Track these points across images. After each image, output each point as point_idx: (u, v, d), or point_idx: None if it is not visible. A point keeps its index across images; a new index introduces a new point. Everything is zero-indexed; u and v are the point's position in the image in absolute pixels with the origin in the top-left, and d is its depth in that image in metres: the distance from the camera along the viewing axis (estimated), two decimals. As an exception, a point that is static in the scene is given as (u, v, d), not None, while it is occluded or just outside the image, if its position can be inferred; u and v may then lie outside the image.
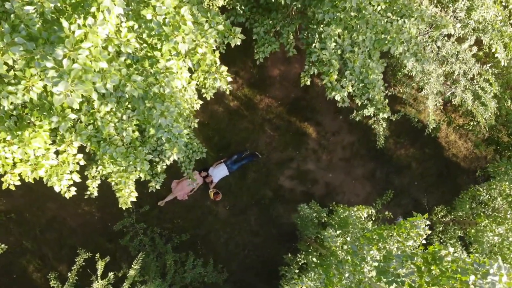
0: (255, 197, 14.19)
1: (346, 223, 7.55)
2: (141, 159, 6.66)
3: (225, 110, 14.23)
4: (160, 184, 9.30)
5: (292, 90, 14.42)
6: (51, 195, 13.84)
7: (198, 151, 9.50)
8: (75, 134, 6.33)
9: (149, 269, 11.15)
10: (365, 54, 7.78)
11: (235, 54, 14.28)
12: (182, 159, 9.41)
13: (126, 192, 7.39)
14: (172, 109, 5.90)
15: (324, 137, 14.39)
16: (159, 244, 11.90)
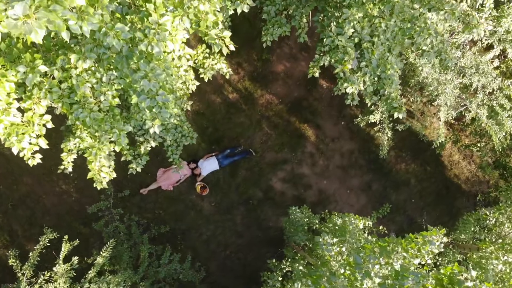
0: (244, 196, 13.19)
1: (343, 231, 6.60)
2: (118, 130, 5.66)
3: (223, 102, 13.25)
4: (142, 166, 8.30)
5: (295, 89, 13.48)
6: (28, 169, 12.77)
7: (188, 136, 8.52)
8: (44, 91, 5.32)
9: (121, 258, 10.10)
10: (384, 46, 6.83)
11: (240, 44, 13.32)
12: (170, 142, 8.42)
13: (96, 166, 6.36)
14: (159, 72, 4.91)
15: (323, 141, 13.44)
16: (135, 233, 10.86)
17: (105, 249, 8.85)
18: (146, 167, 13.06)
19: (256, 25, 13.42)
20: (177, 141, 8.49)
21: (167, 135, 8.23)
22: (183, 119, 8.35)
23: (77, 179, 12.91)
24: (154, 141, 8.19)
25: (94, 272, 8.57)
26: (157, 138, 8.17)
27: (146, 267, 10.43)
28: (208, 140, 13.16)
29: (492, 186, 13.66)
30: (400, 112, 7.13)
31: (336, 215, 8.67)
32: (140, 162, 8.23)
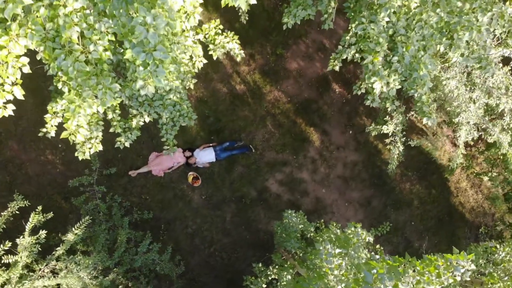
0: (237, 194, 12.28)
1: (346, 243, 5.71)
2: (104, 87, 4.77)
3: (229, 92, 12.38)
4: (130, 141, 7.41)
5: (306, 90, 12.61)
6: (16, 134, 11.89)
7: (186, 116, 7.63)
8: (25, 29, 4.43)
9: (96, 240, 9.18)
10: (419, 43, 5.96)
11: (255, 36, 12.50)
12: (166, 120, 7.53)
13: (72, 126, 5.46)
14: (160, 22, 4.03)
15: (327, 148, 12.55)
16: (116, 215, 9.93)
17: (78, 226, 7.93)
18: (139, 149, 12.23)
19: (274, 18, 12.57)
20: (173, 120, 7.60)
21: (164, 111, 7.34)
22: (184, 97, 7.47)
23: (65, 151, 12.00)
24: (148, 116, 7.30)
25: (63, 250, 7.66)
26: (152, 114, 7.28)
27: (122, 253, 9.51)
28: (208, 129, 12.28)
29: (497, 220, 12.77)
30: (430, 118, 6.25)
31: (335, 225, 7.77)
32: (129, 136, 7.34)
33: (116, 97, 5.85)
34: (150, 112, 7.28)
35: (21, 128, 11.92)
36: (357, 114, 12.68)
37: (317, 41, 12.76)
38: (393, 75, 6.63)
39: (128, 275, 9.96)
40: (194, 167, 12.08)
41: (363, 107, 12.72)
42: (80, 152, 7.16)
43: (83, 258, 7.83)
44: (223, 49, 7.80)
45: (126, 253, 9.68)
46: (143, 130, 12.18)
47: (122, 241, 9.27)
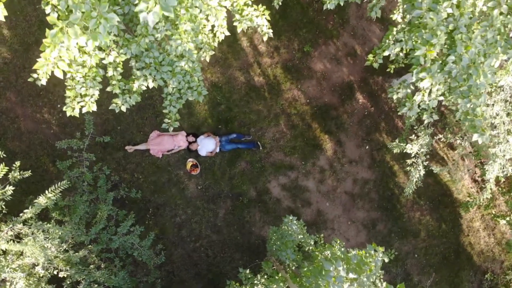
0: (235, 190, 11.26)
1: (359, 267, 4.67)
2: (98, 15, 3.77)
3: (246, 82, 11.39)
4: (128, 106, 6.41)
5: (328, 94, 11.59)
6: (16, 85, 10.96)
7: (196, 89, 6.63)
8: None
9: (75, 210, 8.19)
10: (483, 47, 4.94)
11: (285, 28, 11.51)
12: (172, 90, 6.53)
13: (51, 57, 4.47)
14: None
15: (339, 160, 11.51)
16: (101, 187, 8.92)
17: (53, 189, 6.93)
18: (140, 125, 11.24)
19: (308, 14, 11.60)
20: (180, 92, 6.60)
21: (172, 79, 6.35)
22: (197, 68, 6.47)
23: (64, 113, 11.05)
24: (153, 81, 6.30)
25: (32, 213, 6.68)
26: (157, 79, 6.29)
27: (100, 230, 8.50)
28: (217, 117, 11.29)
29: (507, 269, 11.64)
30: (483, 135, 5.20)
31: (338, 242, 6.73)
32: (128, 100, 6.35)
33: (111, 33, 4.86)
34: (155, 77, 6.29)
35: (22, 80, 11.00)
36: (377, 129, 11.64)
37: (348, 45, 11.77)
38: (438, 84, 5.61)
39: (103, 255, 8.94)
40: (195, 154, 11.09)
41: (385, 123, 11.68)
42: (69, 107, 6.19)
43: (54, 227, 6.84)
44: (250, 23, 6.81)
45: (105, 231, 8.68)
46: (148, 106, 11.25)
47: (102, 217, 8.27)
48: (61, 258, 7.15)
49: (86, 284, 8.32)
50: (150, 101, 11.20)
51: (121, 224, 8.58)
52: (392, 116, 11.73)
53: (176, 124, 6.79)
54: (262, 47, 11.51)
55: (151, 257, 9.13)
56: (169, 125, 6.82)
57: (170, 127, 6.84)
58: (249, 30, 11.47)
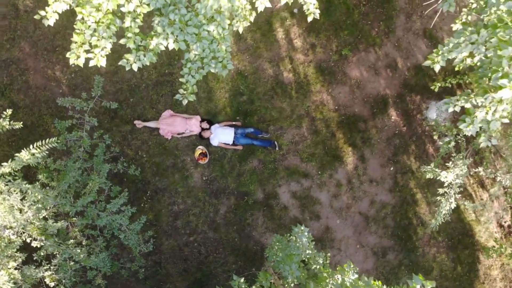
0: (241, 189, 10.25)
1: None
2: None
3: (273, 76, 10.42)
4: (140, 65, 5.45)
5: (359, 104, 10.56)
6: (33, 36, 10.14)
7: (221, 61, 5.65)
8: None
9: (64, 176, 7.25)
10: None
11: (325, 27, 10.53)
12: (194, 56, 5.56)
13: None
14: None
15: (358, 177, 10.44)
16: (98, 156, 7.95)
17: (39, 144, 5.99)
18: (155, 100, 10.24)
19: (352, 15, 10.60)
20: (203, 61, 5.63)
21: (196, 44, 5.39)
22: (226, 37, 5.50)
23: (76, 74, 10.20)
24: (174, 42, 5.34)
25: (10, 168, 5.74)
26: (179, 40, 5.32)
27: (88, 203, 7.55)
28: (237, 107, 10.31)
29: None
30: None
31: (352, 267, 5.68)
32: (141, 58, 5.39)
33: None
34: (178, 38, 5.33)
35: (40, 32, 10.18)
36: (406, 151, 10.56)
37: (390, 56, 10.74)
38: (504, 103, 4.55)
39: (87, 231, 7.98)
40: (206, 142, 10.13)
41: (416, 146, 10.60)
42: (73, 53, 5.27)
43: (34, 188, 5.90)
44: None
45: (93, 206, 7.73)
46: (166, 83, 10.31)
47: (92, 189, 7.32)
48: (35, 226, 6.20)
49: (61, 260, 7.36)
50: (169, 77, 10.28)
51: (112, 201, 7.61)
52: (424, 140, 10.64)
53: (192, 97, 5.82)
54: (298, 42, 10.54)
55: (138, 243, 8.15)
56: (183, 97, 5.85)
57: (184, 99, 5.87)
58: (287, 21, 10.56)
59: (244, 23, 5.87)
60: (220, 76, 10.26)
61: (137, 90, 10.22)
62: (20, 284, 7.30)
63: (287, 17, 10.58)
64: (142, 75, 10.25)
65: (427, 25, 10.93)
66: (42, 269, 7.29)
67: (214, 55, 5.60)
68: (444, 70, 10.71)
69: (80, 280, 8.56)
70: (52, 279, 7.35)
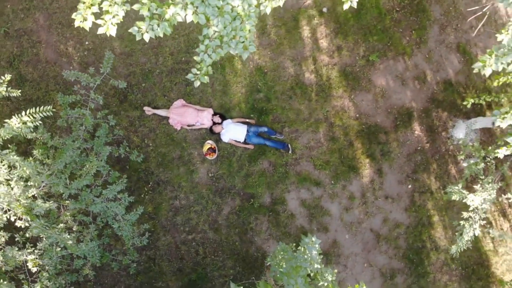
0: (248, 190, 9.56)
1: None
2: None
3: (294, 75, 9.76)
4: (152, 36, 4.81)
5: (382, 115, 9.84)
6: (48, 8, 9.60)
7: (243, 41, 5.00)
8: None
9: (60, 154, 6.62)
10: None
11: (354, 29, 9.86)
12: (212, 33, 4.92)
13: None
14: None
15: (374, 191, 9.70)
16: (100, 137, 7.32)
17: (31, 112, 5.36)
18: (168, 88, 9.53)
19: (384, 21, 9.92)
20: (222, 39, 4.97)
21: (216, 18, 4.74)
22: (252, 14, 4.85)
23: (90, 52, 9.64)
24: (193, 14, 4.70)
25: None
26: (198, 12, 4.68)
27: (83, 186, 6.91)
28: (252, 104, 9.66)
29: None
30: None
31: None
32: (155, 28, 4.75)
33: None
34: (197, 10, 4.68)
35: (56, 5, 9.65)
36: (427, 170, 9.80)
37: (419, 68, 10.02)
38: None
39: (78, 216, 7.34)
40: (216, 137, 9.48)
41: (438, 166, 9.84)
42: (79, 14, 4.65)
43: (21, 161, 5.28)
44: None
45: (88, 189, 7.08)
46: (181, 71, 9.65)
47: (89, 171, 6.68)
48: (19, 203, 5.56)
49: (47, 244, 6.72)
50: (185, 66, 9.67)
51: (109, 187, 6.97)
52: (447, 160, 9.88)
53: (205, 79, 5.16)
54: (324, 42, 9.87)
55: (132, 235, 7.48)
56: (196, 78, 5.19)
57: (196, 80, 5.21)
58: (315, 19, 9.90)
59: (274, 3, 5.21)
60: (237, 69, 9.63)
61: (150, 75, 9.62)
62: (0, 265, 6.68)
63: (315, 16, 9.93)
64: (157, 61, 9.66)
65: (462, 40, 10.22)
66: (25, 251, 6.66)
67: (236, 34, 4.95)
68: (475, 87, 9.97)
69: (67, 268, 7.92)
70: (35, 264, 6.71)
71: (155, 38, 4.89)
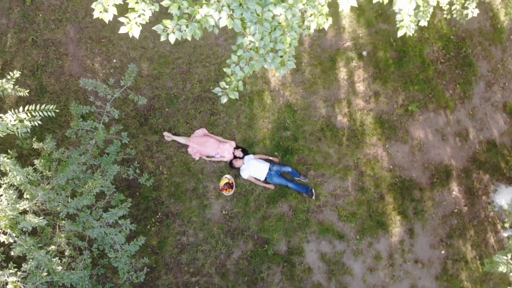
0: (263, 234, 8.58)
1: None
2: None
3: (326, 116, 9.00)
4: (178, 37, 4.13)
5: (417, 169, 8.90)
6: (81, 23, 9.26)
7: (281, 56, 4.26)
8: None
9: (64, 168, 5.86)
10: None
11: (395, 75, 9.14)
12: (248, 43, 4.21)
13: None
14: None
15: (402, 254, 8.60)
16: (110, 154, 6.54)
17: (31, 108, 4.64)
18: (191, 116, 8.80)
19: (427, 71, 9.21)
20: (259, 52, 4.25)
21: (254, 26, 4.04)
22: (295, 26, 4.14)
23: (116, 70, 9.13)
24: (228, 17, 4.02)
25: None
26: (235, 15, 4.00)
27: (83, 207, 6.09)
28: (277, 141, 8.87)
29: None
30: None
31: None
32: (182, 29, 4.07)
33: None
34: (234, 13, 4.00)
35: (89, 19, 9.27)
36: (463, 236, 8.69)
37: (461, 124, 9.15)
38: None
39: (73, 239, 6.47)
40: (235, 172, 8.66)
41: (475, 233, 8.72)
42: (100, 3, 4.01)
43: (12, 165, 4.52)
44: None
45: (88, 211, 6.25)
46: (208, 100, 9.00)
47: (90, 190, 5.88)
48: (7, 215, 4.76)
49: (33, 267, 5.82)
50: (212, 94, 9.04)
51: (111, 210, 6.13)
52: (486, 227, 8.77)
53: (234, 94, 4.40)
54: (361, 86, 9.16)
55: (128, 268, 6.52)
56: (224, 93, 4.44)
57: (224, 96, 4.45)
58: (353, 62, 9.24)
59: (320, 19, 4.50)
60: (266, 104, 8.93)
61: (175, 100, 9.00)
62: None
63: (353, 58, 9.29)
64: (185, 86, 9.07)
65: (509, 99, 9.38)
66: (6, 272, 5.77)
67: (274, 46, 4.22)
68: (523, 152, 9.00)
69: (53, 297, 6.96)
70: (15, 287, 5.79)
71: (180, 39, 4.21)
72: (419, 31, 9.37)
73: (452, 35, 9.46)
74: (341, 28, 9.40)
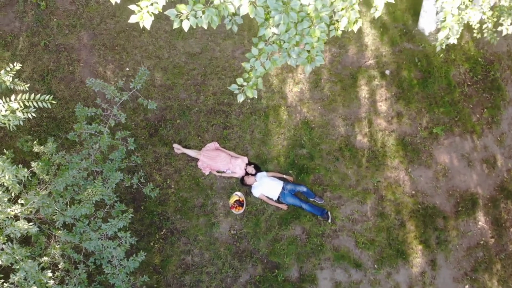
0: (273, 258, 7.90)
1: None
2: None
3: (345, 136, 8.43)
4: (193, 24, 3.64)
5: (441, 196, 8.22)
6: (95, 29, 8.93)
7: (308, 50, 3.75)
8: None
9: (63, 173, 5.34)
10: None
11: (419, 96, 8.59)
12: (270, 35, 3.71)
13: None
14: None
15: (423, 286, 7.86)
16: (114, 161, 6.00)
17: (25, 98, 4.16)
18: (203, 129, 8.35)
19: (453, 93, 8.66)
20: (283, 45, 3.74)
21: (279, 15, 3.54)
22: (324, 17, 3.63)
23: (128, 78, 8.72)
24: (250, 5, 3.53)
25: None
26: (258, 5, 3.51)
27: (80, 216, 5.53)
28: (292, 160, 8.29)
29: None
30: None
31: None
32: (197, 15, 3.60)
33: None
34: (257, 1, 3.51)
35: (104, 27, 8.95)
36: (489, 270, 7.92)
37: (489, 150, 8.51)
38: None
39: (67, 251, 5.88)
40: (246, 190, 8.06)
41: (502, 267, 7.95)
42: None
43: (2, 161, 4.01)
44: None
45: (86, 220, 5.69)
46: (221, 113, 8.49)
47: (89, 199, 5.33)
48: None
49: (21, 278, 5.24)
50: (226, 107, 8.56)
51: (110, 221, 5.55)
52: (516, 263, 7.99)
53: (253, 93, 3.87)
54: (383, 106, 8.61)
55: (126, 286, 5.88)
56: (241, 90, 3.91)
57: (241, 94, 3.92)
58: (375, 81, 8.73)
59: (352, 14, 3.99)
60: (281, 120, 8.41)
61: (187, 112, 8.53)
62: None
63: (376, 77, 8.78)
64: (198, 98, 8.61)
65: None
66: (-8, 284, 5.20)
67: (301, 39, 3.71)
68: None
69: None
70: (0, 301, 5.21)
71: (195, 28, 3.70)
72: (445, 52, 8.86)
73: (480, 57, 8.93)
74: (363, 46, 8.94)
